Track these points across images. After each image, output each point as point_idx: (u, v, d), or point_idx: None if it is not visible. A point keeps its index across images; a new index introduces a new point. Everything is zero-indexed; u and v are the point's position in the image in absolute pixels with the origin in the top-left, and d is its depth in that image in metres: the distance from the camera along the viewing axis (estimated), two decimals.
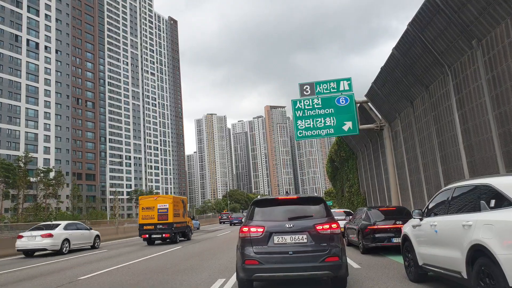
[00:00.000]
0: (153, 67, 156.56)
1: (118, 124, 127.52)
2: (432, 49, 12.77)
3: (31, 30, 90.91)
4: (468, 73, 11.46)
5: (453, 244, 5.20)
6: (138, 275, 9.35)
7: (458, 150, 12.60)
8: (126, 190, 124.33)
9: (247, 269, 5.94)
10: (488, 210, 4.56)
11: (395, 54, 15.33)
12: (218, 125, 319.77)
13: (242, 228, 6.26)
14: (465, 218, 4.96)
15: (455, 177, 12.87)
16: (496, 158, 10.26)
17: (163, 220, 20.45)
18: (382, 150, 22.37)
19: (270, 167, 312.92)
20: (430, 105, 14.82)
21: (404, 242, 7.25)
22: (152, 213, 20.62)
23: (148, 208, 20.86)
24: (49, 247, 16.65)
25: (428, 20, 12.08)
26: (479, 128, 11.13)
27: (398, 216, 11.50)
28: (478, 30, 10.37)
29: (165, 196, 22.44)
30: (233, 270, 8.34)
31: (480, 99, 10.89)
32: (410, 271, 7.02)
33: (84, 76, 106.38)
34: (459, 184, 5.72)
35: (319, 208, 6.44)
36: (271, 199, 6.69)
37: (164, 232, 20.33)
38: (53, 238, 16.74)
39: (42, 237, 16.52)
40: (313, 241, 5.92)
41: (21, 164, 65.85)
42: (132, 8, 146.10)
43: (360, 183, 30.70)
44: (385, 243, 10.91)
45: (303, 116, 19.73)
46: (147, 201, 21.25)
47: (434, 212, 6.25)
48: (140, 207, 21.37)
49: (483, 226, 4.45)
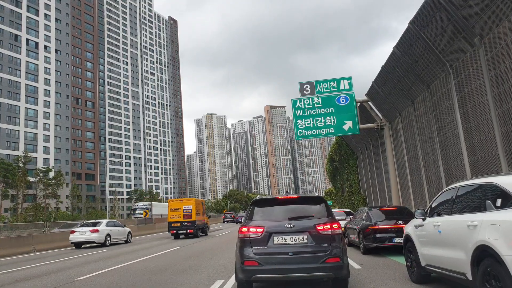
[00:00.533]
0: (153, 67, 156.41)
1: (118, 124, 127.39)
2: (433, 47, 12.64)
3: (31, 29, 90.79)
4: (470, 71, 11.34)
5: (457, 245, 5.08)
6: (136, 276, 9.24)
7: (460, 149, 12.48)
8: (126, 190, 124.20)
9: (247, 270, 5.82)
10: (494, 210, 4.44)
11: (396, 52, 15.20)
12: (218, 125, 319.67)
13: (241, 228, 6.13)
14: (470, 218, 4.84)
15: (456, 176, 12.75)
16: (498, 157, 10.14)
17: (187, 219, 24.87)
18: (382, 149, 22.25)
19: (270, 167, 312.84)
20: (431, 104, 14.70)
21: (406, 243, 7.13)
22: (179, 213, 25.05)
23: (175, 209, 25.33)
24: (96, 240, 20.27)
25: (429, 18, 11.95)
26: (481, 127, 11.01)
27: (399, 216, 11.38)
28: (480, 28, 10.24)
29: (189, 199, 27.43)
30: (232, 271, 8.21)
31: (482, 98, 10.77)
32: (413, 272, 6.89)
33: (84, 75, 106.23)
34: (463, 183, 5.60)
35: (320, 208, 6.32)
36: (271, 199, 6.55)
37: (188, 228, 24.72)
38: (99, 233, 20.39)
39: (91, 232, 20.20)
40: (314, 242, 5.80)
41: (20, 164, 65.75)
42: (132, 8, 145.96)
43: (360, 183, 30.59)
44: (386, 243, 10.79)
45: (303, 116, 19.61)
46: (174, 204, 25.95)
47: (437, 212, 6.12)
48: (168, 208, 25.87)
49: (489, 226, 4.33)
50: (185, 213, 25.02)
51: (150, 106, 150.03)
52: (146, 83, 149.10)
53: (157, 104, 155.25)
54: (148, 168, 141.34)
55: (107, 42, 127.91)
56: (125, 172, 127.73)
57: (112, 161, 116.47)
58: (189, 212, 25.01)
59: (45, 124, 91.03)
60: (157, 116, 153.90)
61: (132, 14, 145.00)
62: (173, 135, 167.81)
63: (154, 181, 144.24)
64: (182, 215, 24.98)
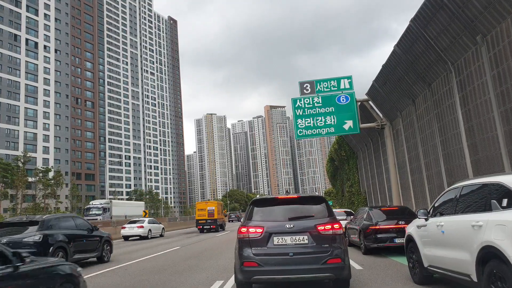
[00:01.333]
0: (153, 66, 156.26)
1: (118, 124, 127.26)
2: (435, 46, 12.53)
3: (30, 29, 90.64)
4: (472, 70, 11.22)
5: (461, 245, 4.97)
6: (135, 276, 9.13)
7: (462, 148, 12.37)
8: (126, 190, 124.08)
9: (246, 271, 5.71)
10: (500, 209, 4.32)
11: (396, 51, 15.08)
12: (218, 125, 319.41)
13: (240, 228, 6.02)
14: (474, 218, 4.73)
15: (458, 176, 12.64)
16: (501, 156, 10.03)
17: (211, 217, 31.02)
18: (383, 149, 22.14)
19: (270, 167, 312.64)
20: (432, 103, 14.58)
21: (409, 243, 7.01)
22: (204, 212, 31.31)
23: (201, 210, 31.67)
24: (142, 234, 25.14)
25: (431, 16, 11.84)
26: (483, 126, 10.89)
27: (401, 216, 11.28)
28: (483, 26, 10.13)
29: (212, 201, 34.24)
30: (232, 271, 8.09)
31: (484, 96, 10.66)
32: (415, 273, 6.78)
33: (84, 75, 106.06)
34: (467, 182, 5.49)
35: (321, 207, 6.21)
36: (270, 199, 6.44)
37: (212, 224, 30.97)
38: (144, 229, 25.34)
39: (138, 228, 25.27)
40: (315, 242, 5.69)
41: (19, 164, 65.57)
42: (132, 7, 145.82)
43: (360, 183, 30.48)
44: (387, 244, 10.69)
45: (303, 115, 19.49)
46: (200, 205, 33.02)
47: (440, 212, 6.01)
48: (196, 208, 33.24)
49: (495, 226, 4.22)
50: (209, 212, 31.07)
51: (150, 106, 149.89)
52: (146, 83, 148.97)
53: (157, 104, 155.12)
54: (148, 168, 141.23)
55: (107, 42, 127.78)
56: (125, 172, 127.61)
57: (112, 161, 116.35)
58: (212, 211, 31.05)
59: (44, 124, 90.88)
60: (157, 116, 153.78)
61: (132, 14, 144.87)
62: (173, 135, 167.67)
63: (154, 181, 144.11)
64: (207, 214, 30.99)
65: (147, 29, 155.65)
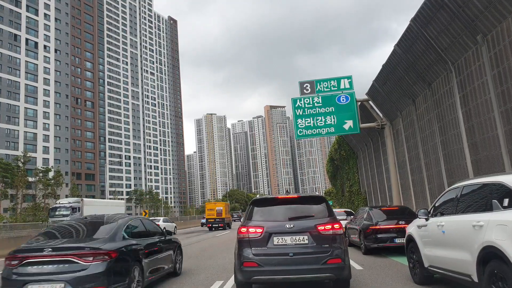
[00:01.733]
0: (153, 66, 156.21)
1: (118, 124, 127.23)
2: (435, 45, 12.50)
3: (30, 29, 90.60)
4: (472, 70, 11.20)
5: (462, 246, 4.95)
6: None
7: (462, 148, 12.34)
8: (126, 190, 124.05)
9: (246, 271, 5.69)
10: (501, 209, 4.30)
11: (397, 51, 15.06)
12: (218, 125, 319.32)
13: (240, 228, 6.00)
14: (475, 218, 4.70)
15: (458, 176, 12.61)
16: (501, 156, 10.01)
17: (219, 216, 33.97)
18: (383, 149, 22.11)
19: (270, 167, 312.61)
20: (432, 103, 14.56)
21: (409, 243, 6.99)
22: (213, 212, 34.19)
23: (211, 209, 34.64)
24: None
25: (431, 16, 11.82)
26: (484, 126, 10.87)
27: (401, 216, 11.25)
28: (483, 25, 10.11)
29: (220, 202, 37.91)
30: (231, 272, 8.07)
31: (485, 96, 10.64)
32: (415, 273, 6.76)
33: (84, 75, 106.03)
34: (468, 182, 5.46)
35: (321, 207, 6.19)
36: (270, 198, 6.41)
37: (220, 223, 33.98)
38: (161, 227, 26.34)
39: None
40: (315, 242, 5.67)
41: (19, 164, 65.50)
42: (132, 7, 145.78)
43: (360, 183, 30.46)
44: (387, 244, 10.66)
45: (303, 115, 19.46)
46: (210, 205, 35.96)
47: (441, 211, 5.99)
48: (206, 208, 36.32)
49: (496, 226, 4.20)
50: (217, 212, 33.96)
51: (150, 106, 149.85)
52: (146, 83, 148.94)
53: (157, 104, 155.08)
54: (148, 168, 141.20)
55: (107, 42, 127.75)
56: (125, 172, 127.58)
57: (112, 161, 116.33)
58: (220, 211, 34.03)
59: (44, 124, 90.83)
60: (157, 116, 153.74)
61: (132, 14, 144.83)
62: (173, 135, 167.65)
63: (154, 181, 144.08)
64: (216, 214, 33.87)
65: (147, 29, 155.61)
